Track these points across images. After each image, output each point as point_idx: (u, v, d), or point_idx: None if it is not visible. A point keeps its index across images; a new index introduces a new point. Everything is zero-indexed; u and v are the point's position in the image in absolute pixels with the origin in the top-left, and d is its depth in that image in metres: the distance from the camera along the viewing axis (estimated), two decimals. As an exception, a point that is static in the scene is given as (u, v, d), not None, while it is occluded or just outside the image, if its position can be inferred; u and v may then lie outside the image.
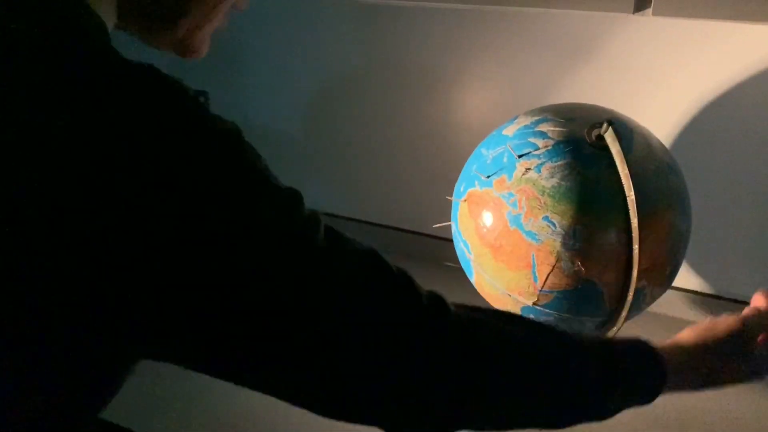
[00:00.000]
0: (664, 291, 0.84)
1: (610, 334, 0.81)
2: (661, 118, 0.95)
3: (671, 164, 0.81)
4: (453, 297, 0.43)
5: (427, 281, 0.43)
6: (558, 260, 0.76)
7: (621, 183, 0.75)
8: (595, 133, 0.78)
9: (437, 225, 0.89)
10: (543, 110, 0.84)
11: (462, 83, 1.10)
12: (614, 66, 0.95)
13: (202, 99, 0.36)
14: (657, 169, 0.78)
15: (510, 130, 0.84)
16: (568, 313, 0.80)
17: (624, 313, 0.78)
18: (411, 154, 1.18)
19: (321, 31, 1.17)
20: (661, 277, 0.80)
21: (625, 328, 0.80)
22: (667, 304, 0.98)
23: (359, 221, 1.25)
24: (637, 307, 0.81)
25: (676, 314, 1.03)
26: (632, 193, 0.74)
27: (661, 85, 0.94)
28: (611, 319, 0.80)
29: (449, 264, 1.07)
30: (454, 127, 1.12)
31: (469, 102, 1.12)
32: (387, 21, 1.10)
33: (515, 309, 0.83)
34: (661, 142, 0.85)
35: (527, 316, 0.56)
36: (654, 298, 0.83)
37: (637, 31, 0.89)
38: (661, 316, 1.01)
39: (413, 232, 1.19)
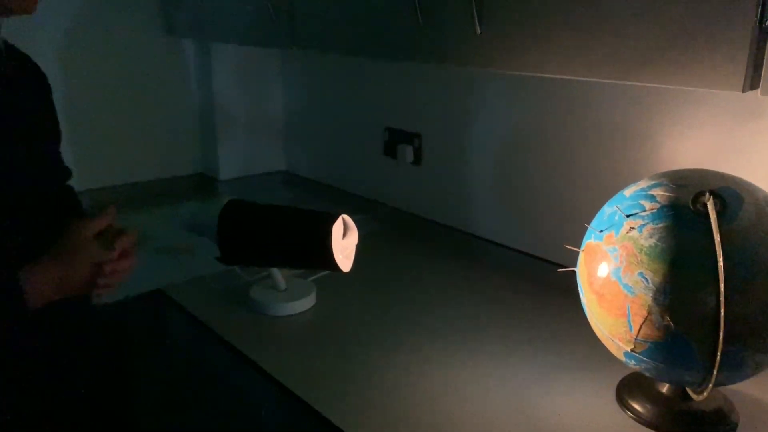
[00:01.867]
0: (776, 359, 0.85)
1: (706, 393, 0.86)
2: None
3: (787, 236, 0.83)
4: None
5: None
6: (649, 313, 0.85)
7: (715, 249, 0.81)
8: (699, 200, 0.84)
9: (561, 270, 1.01)
10: (662, 175, 0.92)
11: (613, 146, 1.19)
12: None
13: None
14: (763, 240, 0.82)
15: (629, 191, 0.93)
16: (664, 363, 0.87)
17: (715, 372, 0.83)
18: (572, 201, 1.31)
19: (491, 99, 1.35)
20: (762, 344, 0.83)
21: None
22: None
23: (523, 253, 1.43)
24: (739, 370, 0.85)
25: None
26: (722, 259, 0.79)
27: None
28: (708, 376, 0.85)
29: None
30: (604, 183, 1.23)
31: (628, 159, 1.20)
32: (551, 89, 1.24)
33: (619, 353, 0.92)
34: (789, 212, 0.86)
35: None
36: (760, 365, 0.85)
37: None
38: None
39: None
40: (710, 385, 0.85)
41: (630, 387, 1.03)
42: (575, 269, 0.98)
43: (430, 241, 1.68)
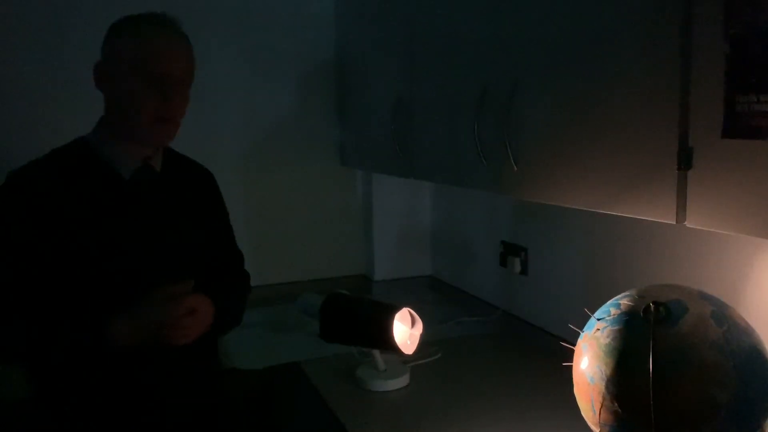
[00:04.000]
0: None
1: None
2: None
3: (721, 343, 0.97)
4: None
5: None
6: (604, 399, 1.03)
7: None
8: (649, 309, 1.03)
9: (566, 363, 1.20)
10: (635, 289, 1.11)
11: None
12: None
13: None
14: (695, 345, 0.97)
15: (611, 300, 1.13)
16: (623, 446, 1.04)
17: (657, 456, 0.98)
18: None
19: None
20: (697, 435, 0.96)
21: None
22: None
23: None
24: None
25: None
26: (650, 358, 0.97)
27: None
28: (657, 460, 1.00)
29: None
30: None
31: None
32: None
33: (595, 434, 1.10)
34: (737, 325, 1.00)
35: None
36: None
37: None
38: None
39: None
40: (658, 469, 0.99)
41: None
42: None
43: (527, 344, 1.89)
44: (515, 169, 1.33)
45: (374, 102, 2.09)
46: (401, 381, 1.63)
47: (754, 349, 1.00)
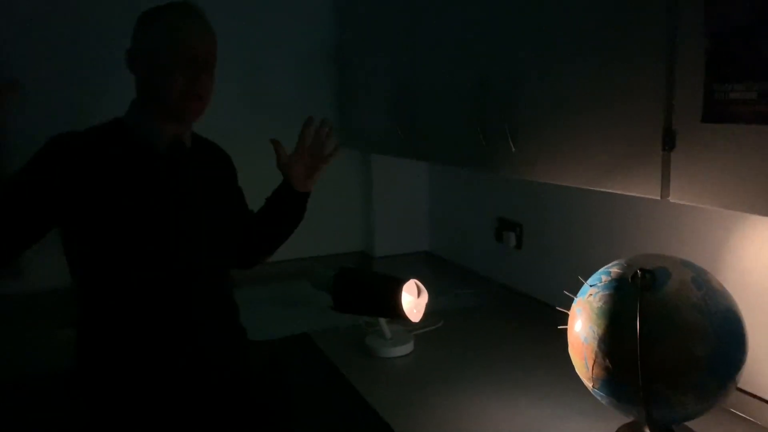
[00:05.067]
0: (700, 401, 1.10)
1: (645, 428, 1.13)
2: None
3: (701, 305, 1.09)
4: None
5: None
6: (596, 357, 1.15)
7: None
8: (636, 276, 1.14)
9: (561, 327, 1.32)
10: (624, 258, 1.23)
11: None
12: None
13: None
14: (677, 307, 1.09)
15: (603, 268, 1.25)
16: (613, 397, 1.16)
17: (645, 407, 1.10)
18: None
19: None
20: (681, 386, 1.09)
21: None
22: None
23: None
24: (668, 408, 1.11)
25: None
26: (638, 319, 1.09)
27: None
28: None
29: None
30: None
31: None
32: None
33: (588, 387, 1.22)
34: (714, 289, 1.12)
35: None
36: (684, 404, 1.10)
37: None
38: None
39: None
40: (645, 414, 1.12)
41: (624, 430, 1.29)
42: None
43: (522, 313, 2.01)
44: (513, 149, 1.44)
45: (376, 84, 2.19)
46: (406, 348, 1.75)
47: (730, 310, 1.12)
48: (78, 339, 1.35)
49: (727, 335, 1.10)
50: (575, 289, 1.28)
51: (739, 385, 1.20)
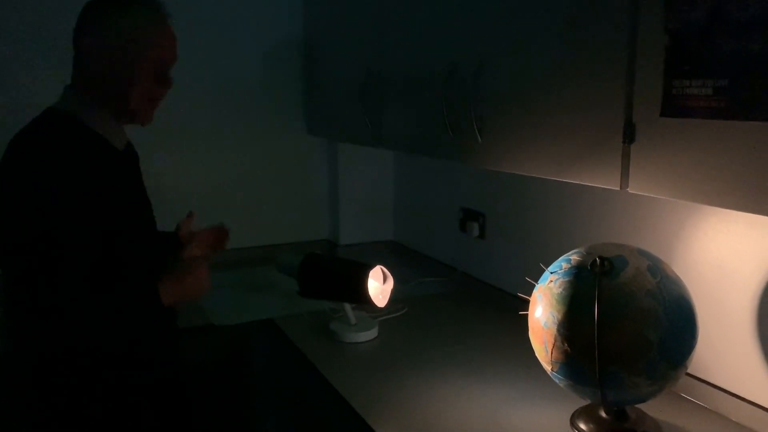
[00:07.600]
0: (652, 383, 1.15)
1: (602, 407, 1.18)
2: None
3: (655, 292, 1.14)
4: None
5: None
6: (555, 341, 1.20)
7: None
8: (595, 263, 1.19)
9: (522, 312, 1.37)
10: (584, 246, 1.27)
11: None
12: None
13: None
14: (633, 293, 1.14)
15: (563, 256, 1.29)
16: (571, 380, 1.21)
17: (600, 388, 1.15)
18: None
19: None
20: (634, 369, 1.14)
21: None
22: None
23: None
24: (622, 389, 1.16)
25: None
26: (596, 304, 1.13)
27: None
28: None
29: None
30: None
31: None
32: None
33: (548, 370, 1.26)
34: (668, 277, 1.18)
35: None
36: (637, 386, 1.15)
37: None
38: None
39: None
40: (601, 395, 1.17)
41: (580, 412, 1.34)
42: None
43: (485, 300, 2.06)
44: (479, 140, 1.47)
45: (343, 73, 2.20)
46: (371, 333, 1.78)
47: (682, 297, 1.18)
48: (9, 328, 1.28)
49: (679, 321, 1.16)
50: (537, 276, 1.33)
51: (689, 371, 1.26)
